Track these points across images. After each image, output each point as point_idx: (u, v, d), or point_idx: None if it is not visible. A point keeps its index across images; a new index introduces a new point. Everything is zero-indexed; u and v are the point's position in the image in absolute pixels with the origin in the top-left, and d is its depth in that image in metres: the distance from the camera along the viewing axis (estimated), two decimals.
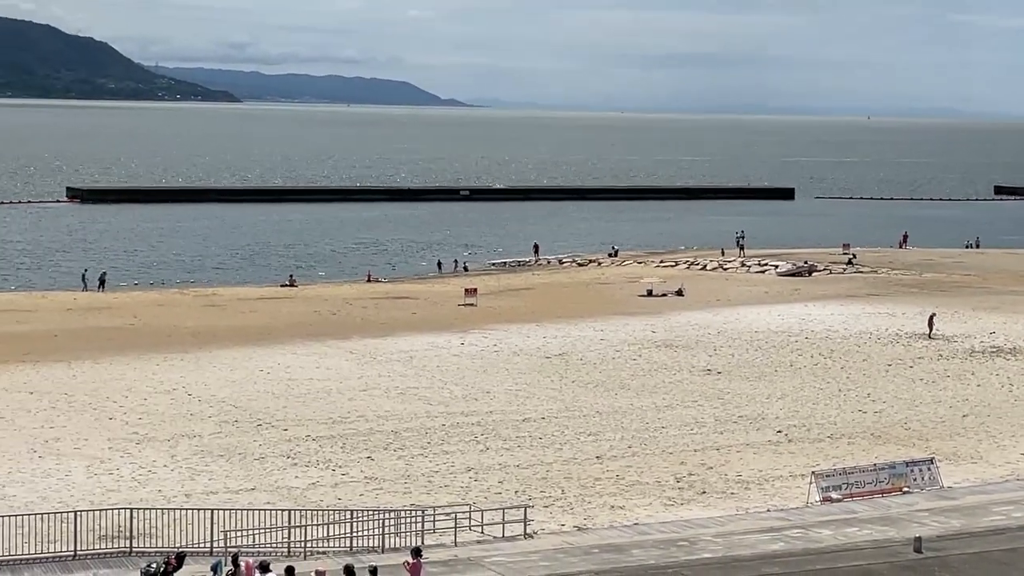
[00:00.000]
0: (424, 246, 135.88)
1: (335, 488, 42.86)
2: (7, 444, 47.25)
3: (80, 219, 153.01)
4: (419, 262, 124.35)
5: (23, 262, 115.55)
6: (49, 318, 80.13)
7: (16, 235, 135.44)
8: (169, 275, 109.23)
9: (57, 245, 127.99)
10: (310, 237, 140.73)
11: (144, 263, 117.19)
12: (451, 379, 61.83)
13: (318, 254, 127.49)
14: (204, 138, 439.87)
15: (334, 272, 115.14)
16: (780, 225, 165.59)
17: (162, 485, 42.56)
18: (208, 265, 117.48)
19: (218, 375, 61.49)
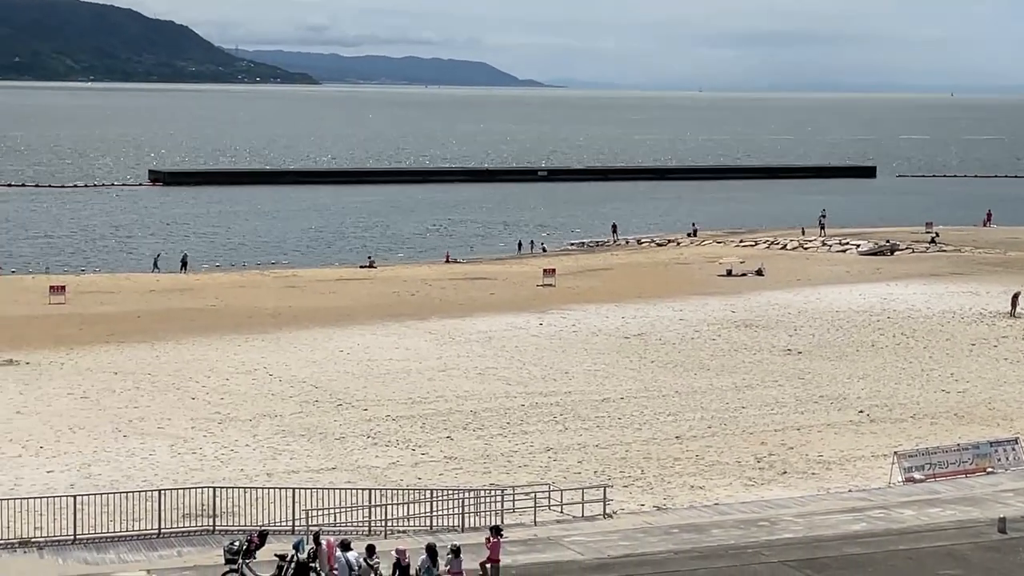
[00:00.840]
0: (502, 227, 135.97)
1: (415, 467, 43.05)
2: (93, 424, 47.87)
3: (162, 202, 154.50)
4: (497, 243, 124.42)
5: (106, 244, 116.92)
6: (132, 299, 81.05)
7: (100, 218, 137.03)
8: (250, 257, 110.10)
9: (139, 227, 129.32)
10: (389, 218, 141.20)
11: (225, 245, 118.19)
12: (530, 359, 61.86)
13: (397, 235, 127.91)
14: (283, 120, 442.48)
15: (413, 253, 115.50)
16: (861, 204, 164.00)
17: (244, 464, 42.94)
18: (288, 247, 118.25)
19: (298, 356, 61.92)
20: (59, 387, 54.09)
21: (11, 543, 33.43)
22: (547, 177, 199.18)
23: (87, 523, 34.34)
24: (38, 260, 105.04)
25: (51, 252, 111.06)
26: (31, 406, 50.57)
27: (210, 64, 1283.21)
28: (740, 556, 32.47)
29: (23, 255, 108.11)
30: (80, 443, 45.12)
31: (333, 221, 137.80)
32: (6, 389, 53.42)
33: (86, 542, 33.76)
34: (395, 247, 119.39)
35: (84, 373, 57.03)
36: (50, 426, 47.37)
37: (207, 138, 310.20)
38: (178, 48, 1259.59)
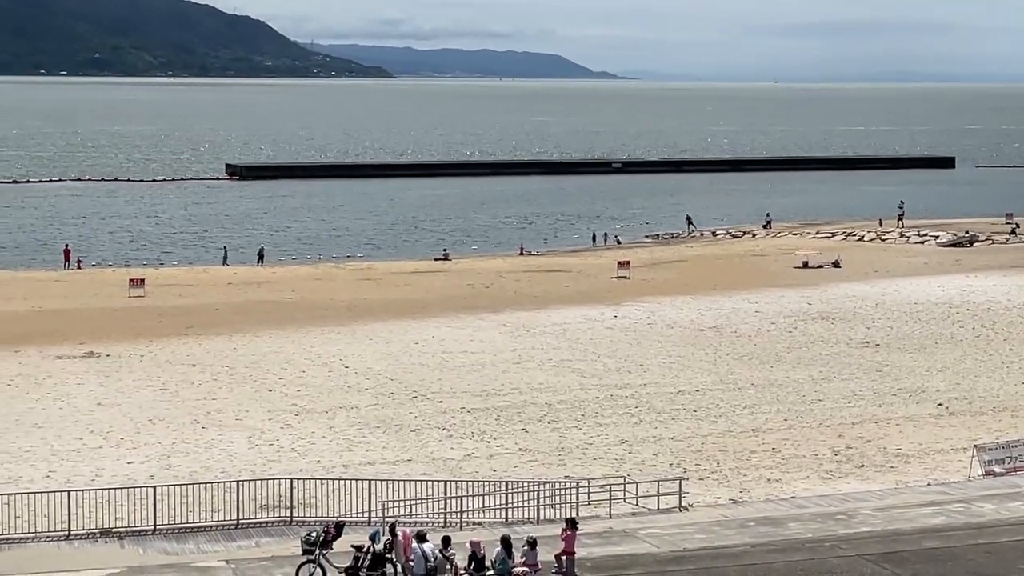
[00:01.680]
0: (576, 219, 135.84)
1: (490, 459, 43.14)
2: (172, 415, 48.38)
3: (238, 195, 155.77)
4: (572, 235, 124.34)
5: (184, 238, 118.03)
6: (210, 292, 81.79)
7: (178, 212, 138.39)
8: (325, 250, 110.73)
9: (216, 221, 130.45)
10: (463, 211, 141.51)
11: (301, 238, 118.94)
12: (604, 351, 61.80)
13: (471, 228, 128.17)
14: (358, 114, 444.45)
15: (487, 245, 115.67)
16: (940, 195, 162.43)
17: (321, 456, 43.22)
18: (363, 240, 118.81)
19: (374, 348, 62.22)
20: (139, 379, 54.71)
21: (93, 533, 33.88)
22: (621, 169, 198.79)
23: (167, 514, 34.72)
24: (118, 254, 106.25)
25: (131, 246, 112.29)
26: (111, 398, 51.19)
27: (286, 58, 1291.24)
28: (817, 550, 32.26)
29: (103, 249, 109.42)
30: (159, 435, 45.61)
31: (408, 214, 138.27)
32: (87, 381, 54.11)
33: (166, 532, 34.13)
34: (469, 240, 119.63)
35: (163, 365, 57.63)
36: (130, 418, 47.93)
37: (283, 132, 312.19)
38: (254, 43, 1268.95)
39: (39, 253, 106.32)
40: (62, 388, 52.77)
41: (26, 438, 44.73)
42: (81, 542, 33.34)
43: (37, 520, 34.13)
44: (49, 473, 40.52)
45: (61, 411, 48.88)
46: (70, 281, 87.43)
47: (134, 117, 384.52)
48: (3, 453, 42.79)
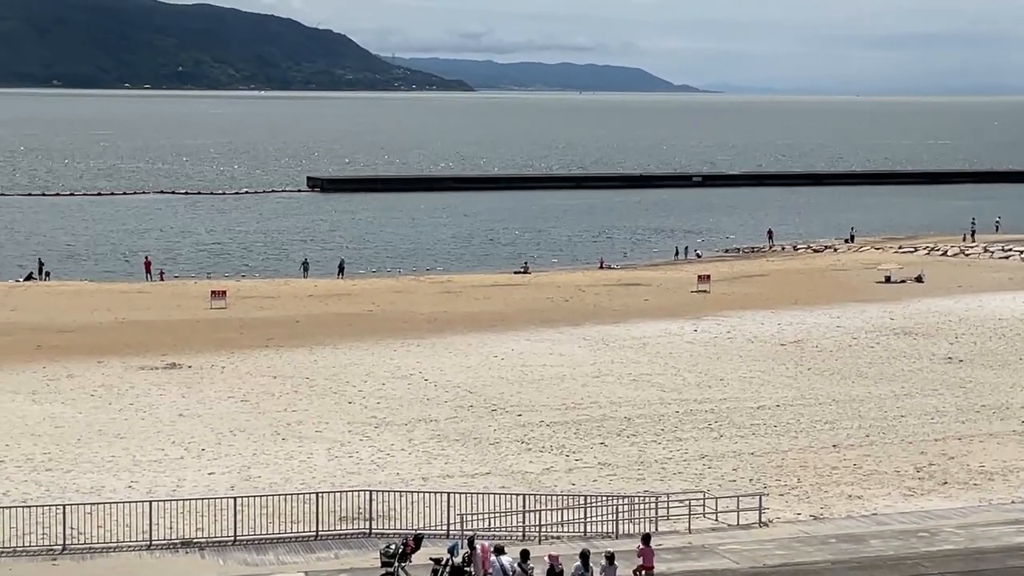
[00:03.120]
0: (656, 232, 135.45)
1: (569, 473, 43.04)
2: (253, 427, 48.70)
3: (320, 208, 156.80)
4: (651, 248, 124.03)
5: (265, 250, 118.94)
6: (290, 304, 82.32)
7: (259, 224, 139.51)
8: (406, 262, 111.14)
9: (297, 234, 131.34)
10: (543, 224, 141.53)
11: (381, 251, 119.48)
12: (684, 366, 61.51)
13: (551, 241, 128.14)
14: (439, 127, 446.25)
15: (567, 259, 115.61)
16: None
17: (400, 468, 43.31)
18: (443, 252, 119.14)
19: (453, 361, 62.31)
20: (220, 390, 55.14)
21: (174, 543, 34.16)
22: (702, 183, 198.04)
23: (247, 524, 34.95)
24: (200, 265, 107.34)
25: (212, 258, 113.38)
26: (193, 409, 51.63)
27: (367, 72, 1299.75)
28: (899, 567, 31.88)
29: (186, 260, 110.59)
30: (240, 446, 45.93)
31: (488, 227, 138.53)
32: (169, 392, 54.61)
33: (246, 543, 34.35)
34: (549, 253, 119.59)
35: (244, 377, 58.05)
36: (211, 429, 48.30)
37: (364, 145, 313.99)
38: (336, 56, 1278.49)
39: (123, 265, 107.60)
40: (144, 399, 53.30)
41: (109, 448, 45.22)
42: (162, 552, 33.65)
43: (120, 530, 34.49)
44: (132, 483, 40.92)
45: (143, 422, 49.37)
46: (153, 293, 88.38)
47: (217, 130, 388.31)
48: (87, 463, 43.28)
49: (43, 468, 42.60)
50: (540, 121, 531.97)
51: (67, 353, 63.26)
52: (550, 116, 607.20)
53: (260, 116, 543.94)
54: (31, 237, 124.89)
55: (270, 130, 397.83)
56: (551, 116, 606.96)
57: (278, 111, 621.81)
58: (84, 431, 47.59)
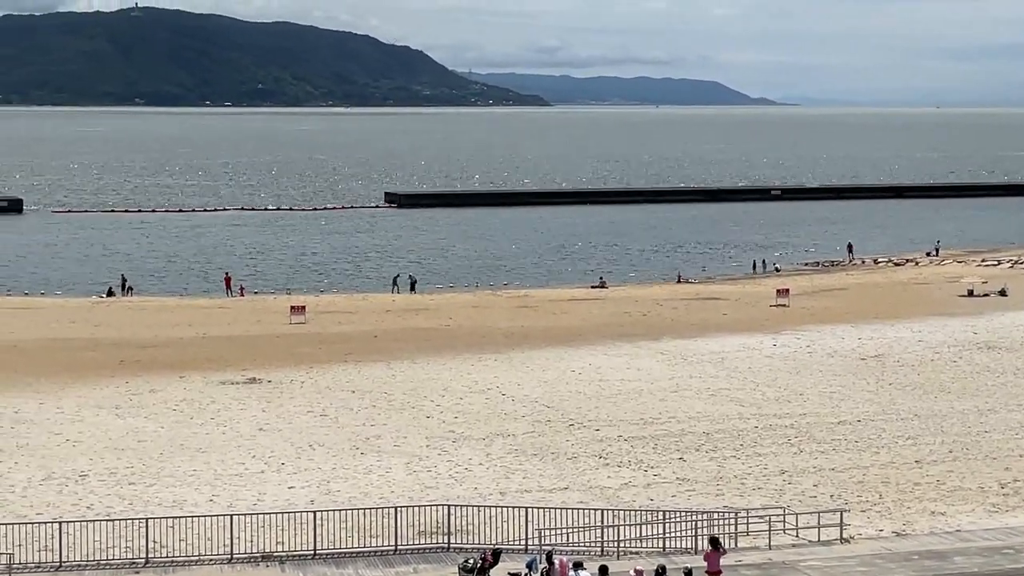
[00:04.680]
0: (735, 246, 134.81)
1: (647, 488, 42.87)
2: (332, 441, 48.94)
3: (397, 223, 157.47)
4: (729, 262, 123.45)
5: (344, 266, 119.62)
6: (369, 319, 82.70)
7: (338, 239, 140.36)
8: (482, 277, 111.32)
9: (376, 249, 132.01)
10: (620, 238, 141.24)
11: (458, 265, 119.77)
12: (763, 380, 61.12)
13: (628, 255, 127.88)
14: (515, 142, 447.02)
15: (644, 273, 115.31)
16: None
17: (478, 483, 43.34)
18: (520, 267, 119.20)
19: (530, 375, 62.30)
20: (299, 405, 55.47)
21: (254, 557, 34.40)
22: (781, 196, 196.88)
23: (326, 538, 35.12)
24: (279, 281, 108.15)
25: (292, 273, 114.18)
26: (273, 423, 51.97)
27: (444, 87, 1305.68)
28: None
29: (265, 276, 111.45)
30: (319, 460, 46.16)
31: (564, 241, 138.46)
32: (249, 407, 55.02)
33: (325, 557, 34.51)
34: (626, 267, 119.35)
35: (323, 391, 58.37)
36: (291, 443, 48.60)
37: (441, 160, 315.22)
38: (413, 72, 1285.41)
39: (203, 281, 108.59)
40: (225, 413, 53.73)
41: (190, 462, 45.62)
42: (243, 565, 33.89)
43: (201, 543, 34.79)
44: (213, 497, 41.25)
45: (224, 436, 49.77)
46: (233, 308, 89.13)
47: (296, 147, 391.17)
48: (168, 477, 43.69)
49: (126, 482, 43.06)
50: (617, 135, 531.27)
51: (149, 368, 63.93)
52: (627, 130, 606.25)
53: (338, 132, 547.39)
54: (114, 253, 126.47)
55: (348, 146, 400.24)
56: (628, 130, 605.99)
57: (356, 127, 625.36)
58: (166, 445, 48.05)
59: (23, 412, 53.52)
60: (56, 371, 62.84)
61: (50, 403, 55.31)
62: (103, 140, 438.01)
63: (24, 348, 70.17)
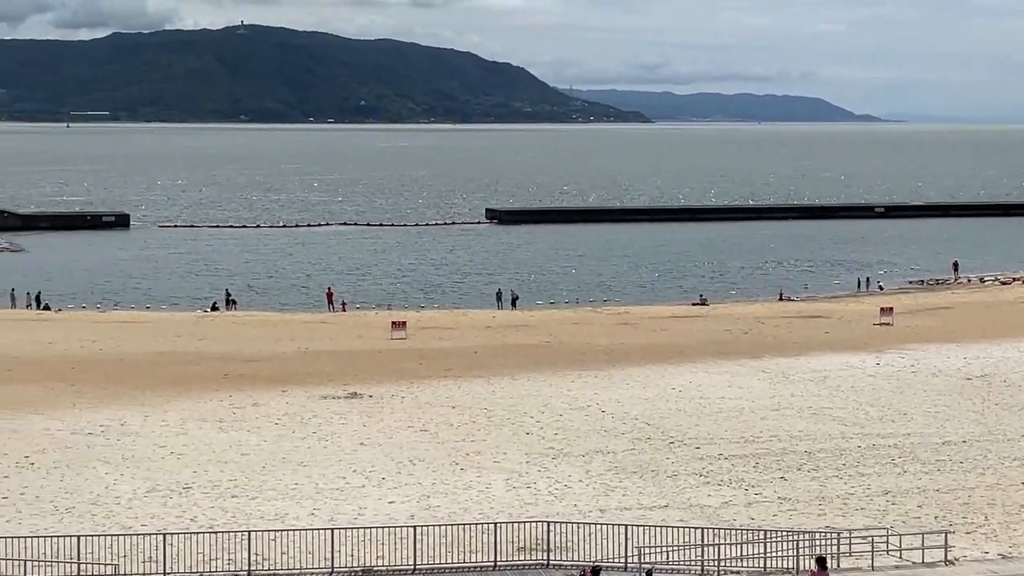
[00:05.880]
0: (837, 264, 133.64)
1: (748, 507, 42.55)
2: (432, 456, 49.11)
3: (498, 239, 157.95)
4: (832, 280, 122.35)
5: (444, 281, 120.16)
6: (469, 335, 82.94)
7: (438, 255, 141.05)
8: (582, 294, 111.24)
9: (476, 265, 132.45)
10: (721, 255, 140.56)
11: (558, 282, 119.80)
12: (866, 399, 60.42)
13: (729, 272, 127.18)
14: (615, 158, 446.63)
15: (745, 291, 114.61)
16: None
17: (577, 500, 43.26)
18: (620, 284, 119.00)
19: (630, 392, 62.11)
20: (400, 420, 55.74)
21: (355, 571, 34.59)
22: (884, 214, 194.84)
23: (426, 554, 35.24)
24: (381, 296, 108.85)
25: (393, 289, 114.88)
26: (374, 438, 52.25)
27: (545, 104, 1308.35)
28: None
29: (367, 291, 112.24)
30: (420, 475, 46.33)
31: (665, 258, 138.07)
32: (351, 421, 55.38)
33: (425, 572, 34.63)
34: (727, 284, 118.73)
35: (423, 407, 58.60)
36: (391, 458, 48.83)
37: (542, 177, 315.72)
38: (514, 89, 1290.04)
39: (306, 296, 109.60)
40: (327, 427, 54.12)
41: (292, 476, 46.00)
42: None
43: (302, 556, 35.08)
44: (314, 511, 41.55)
45: (326, 450, 50.13)
46: (335, 323, 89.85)
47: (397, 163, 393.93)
48: (271, 490, 44.08)
49: (229, 494, 43.52)
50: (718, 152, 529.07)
51: (252, 382, 64.59)
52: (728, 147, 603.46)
53: (439, 149, 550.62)
54: (218, 268, 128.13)
55: (449, 162, 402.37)
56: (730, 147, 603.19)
57: (457, 143, 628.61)
58: (268, 459, 48.51)
59: (129, 424, 54.32)
60: (161, 384, 63.72)
61: (155, 416, 56.09)
62: (208, 156, 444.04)
63: (130, 361, 71.26)
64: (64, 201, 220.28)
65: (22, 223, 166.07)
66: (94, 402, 59.14)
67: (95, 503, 42.21)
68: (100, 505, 41.98)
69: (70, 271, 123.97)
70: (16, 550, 34.77)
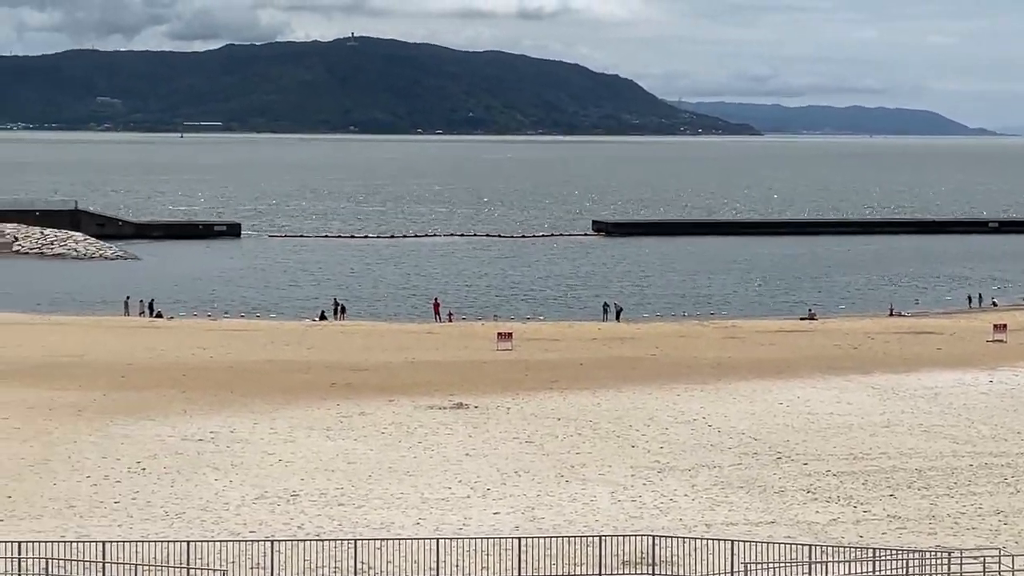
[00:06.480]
0: (949, 279, 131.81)
1: (856, 525, 42.02)
2: (536, 468, 49.10)
3: (605, 251, 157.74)
4: (943, 296, 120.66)
5: (551, 293, 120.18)
6: (575, 347, 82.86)
7: (545, 267, 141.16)
8: (689, 307, 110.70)
9: (582, 277, 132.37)
10: (829, 270, 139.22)
11: (664, 294, 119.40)
12: (978, 417, 59.45)
13: (837, 287, 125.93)
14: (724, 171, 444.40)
15: (855, 305, 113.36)
16: None
17: (683, 514, 43.01)
18: (727, 297, 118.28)
19: (737, 407, 61.66)
20: (505, 431, 55.81)
21: None
22: (998, 229, 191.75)
23: (531, 565, 35.22)
24: (487, 307, 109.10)
25: (499, 299, 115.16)
26: (479, 449, 52.37)
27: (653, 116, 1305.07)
28: None
29: (473, 302, 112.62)
30: (524, 486, 46.34)
31: (773, 272, 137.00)
32: (456, 432, 55.55)
33: None
34: (836, 299, 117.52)
35: (528, 418, 58.62)
36: (496, 469, 48.90)
37: (649, 189, 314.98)
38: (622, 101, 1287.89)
39: (412, 306, 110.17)
40: (432, 438, 54.34)
41: (398, 485, 46.23)
42: None
43: (408, 566, 35.25)
44: (419, 520, 41.72)
45: (431, 460, 50.33)
46: (441, 334, 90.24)
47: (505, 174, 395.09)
48: (377, 499, 44.34)
49: (336, 503, 43.84)
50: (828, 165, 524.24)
51: (360, 391, 65.05)
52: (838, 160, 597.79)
53: (547, 160, 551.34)
54: (326, 277, 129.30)
55: (557, 174, 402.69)
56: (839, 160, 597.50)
57: (564, 155, 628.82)
58: (375, 468, 48.80)
59: (238, 431, 54.96)
60: (270, 392, 64.39)
61: (264, 423, 56.69)
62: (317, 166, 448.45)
63: (240, 369, 72.12)
64: (177, 210, 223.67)
65: (136, 231, 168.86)
66: (204, 409, 59.95)
67: (204, 509, 42.75)
68: (209, 511, 42.51)
69: (182, 279, 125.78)
70: (127, 554, 35.32)
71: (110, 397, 62.77)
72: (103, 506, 43.02)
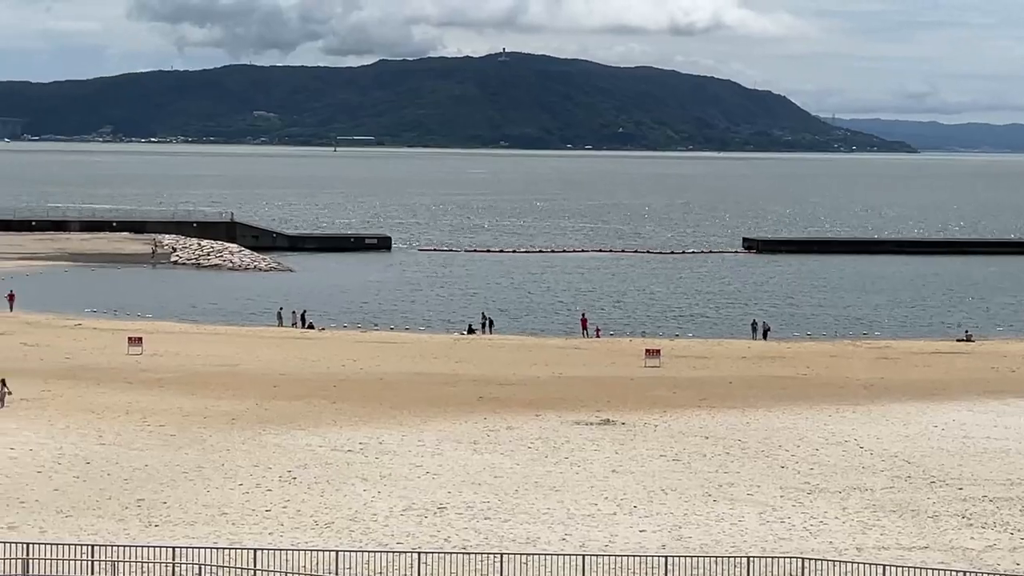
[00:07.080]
0: None
1: (1013, 552, 40.97)
2: (684, 486, 48.72)
3: (755, 269, 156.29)
4: None
5: (700, 310, 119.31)
6: (724, 365, 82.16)
7: (695, 283, 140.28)
8: (841, 327, 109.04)
9: (732, 294, 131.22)
10: (987, 291, 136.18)
11: (815, 313, 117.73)
12: None
13: (995, 308, 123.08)
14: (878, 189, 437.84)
15: (1014, 327, 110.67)
16: None
17: (833, 537, 42.32)
18: (879, 317, 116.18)
19: (890, 429, 60.57)
20: (652, 448, 55.48)
21: None
22: None
23: None
24: (635, 324, 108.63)
25: (647, 316, 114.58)
26: (625, 465, 52.13)
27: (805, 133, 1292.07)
28: None
29: (620, 318, 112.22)
30: (671, 504, 46.02)
31: (928, 292, 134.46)
32: (603, 448, 55.37)
33: None
34: (994, 321, 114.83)
35: (676, 436, 58.23)
36: (643, 486, 48.62)
37: (801, 206, 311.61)
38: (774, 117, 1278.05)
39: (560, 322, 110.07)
40: (579, 453, 54.23)
41: (544, 500, 46.20)
42: None
43: None
44: (565, 536, 41.62)
45: (577, 476, 50.22)
46: (588, 349, 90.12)
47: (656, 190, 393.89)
48: (523, 514, 44.35)
49: (482, 516, 43.95)
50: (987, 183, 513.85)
51: (507, 405, 65.21)
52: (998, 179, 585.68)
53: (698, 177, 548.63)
54: (475, 291, 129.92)
55: (707, 190, 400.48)
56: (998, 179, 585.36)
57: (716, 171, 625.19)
58: (521, 482, 48.83)
59: (387, 443, 55.42)
60: (418, 405, 64.86)
61: (412, 435, 57.09)
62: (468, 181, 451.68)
63: (389, 381, 72.78)
64: (330, 223, 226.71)
65: (289, 244, 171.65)
66: (353, 420, 60.59)
67: (353, 519, 43.15)
68: (358, 521, 42.89)
69: (334, 291, 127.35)
70: (278, 562, 35.77)
71: (263, 406, 63.81)
72: (255, 514, 43.67)
